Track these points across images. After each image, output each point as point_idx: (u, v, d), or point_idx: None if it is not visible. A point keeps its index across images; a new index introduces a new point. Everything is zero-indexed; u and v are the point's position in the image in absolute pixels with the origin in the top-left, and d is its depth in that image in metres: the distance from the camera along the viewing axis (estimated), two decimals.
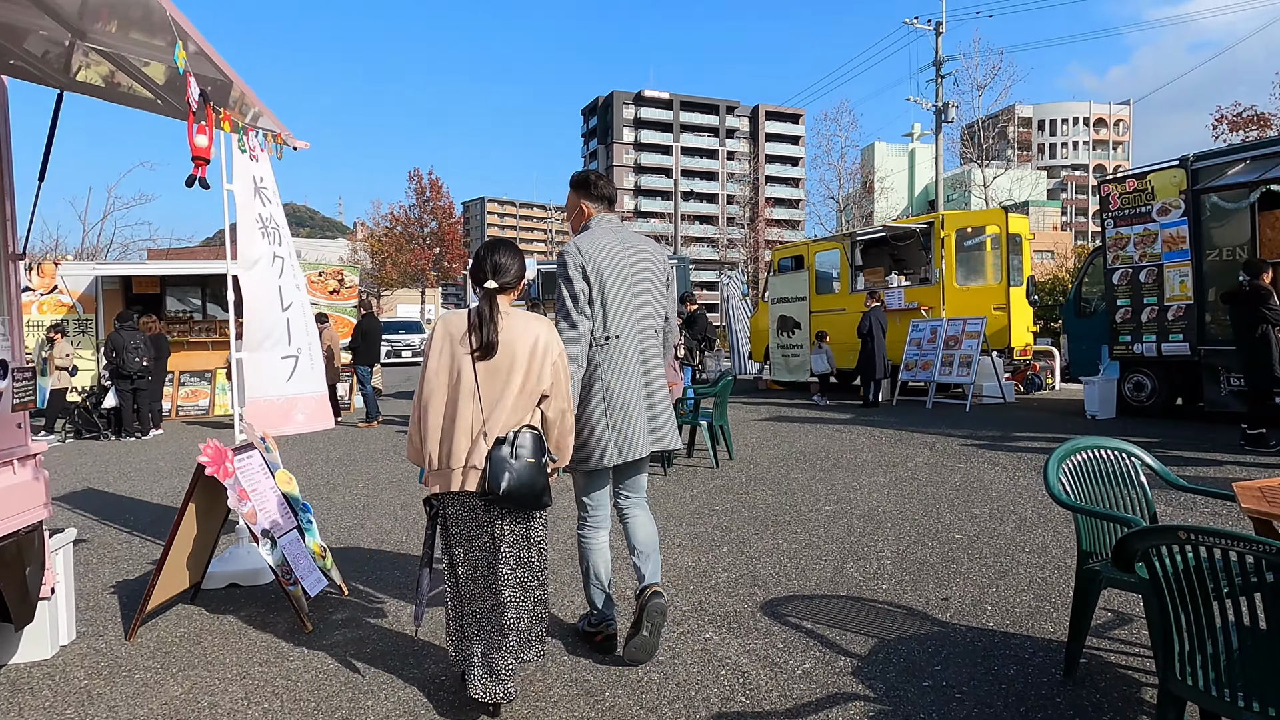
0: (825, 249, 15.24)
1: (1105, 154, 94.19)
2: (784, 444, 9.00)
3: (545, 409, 2.81)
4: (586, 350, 3.18)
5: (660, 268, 3.42)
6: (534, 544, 2.79)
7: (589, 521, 3.34)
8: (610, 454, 3.16)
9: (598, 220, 3.32)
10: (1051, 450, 3.09)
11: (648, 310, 3.33)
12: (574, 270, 3.15)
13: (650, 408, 3.28)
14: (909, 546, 4.83)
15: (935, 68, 30.66)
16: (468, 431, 2.69)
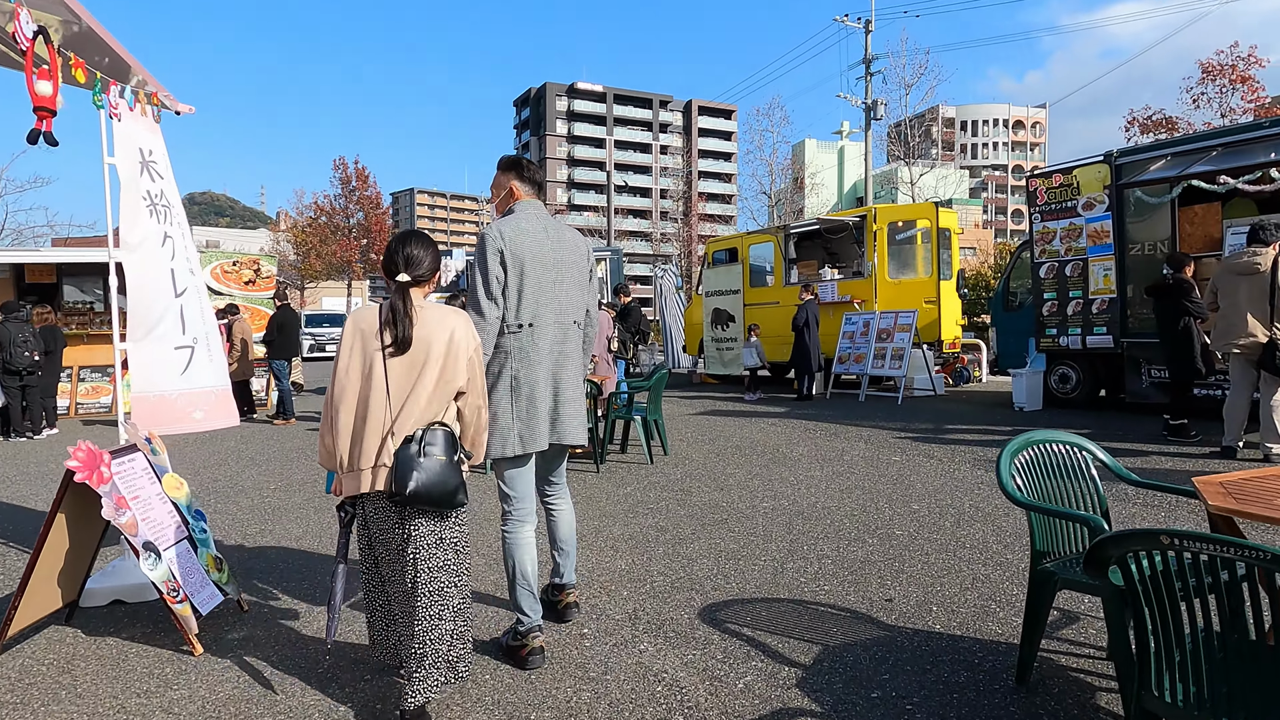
0: (759, 242, 15.17)
1: (1023, 155, 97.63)
2: (719, 438, 8.83)
3: (461, 405, 2.76)
4: (494, 337, 3.12)
5: (584, 259, 3.37)
6: (449, 545, 2.70)
7: (513, 515, 3.21)
8: (513, 444, 3.11)
9: (523, 205, 3.25)
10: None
11: (568, 301, 3.27)
12: (492, 255, 3.08)
13: (555, 400, 3.22)
14: (849, 544, 4.67)
15: (865, 65, 31.09)
16: (379, 430, 2.62)
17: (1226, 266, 6.66)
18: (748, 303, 14.93)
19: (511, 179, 3.31)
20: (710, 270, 16.11)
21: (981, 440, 8.02)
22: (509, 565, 3.17)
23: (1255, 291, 6.40)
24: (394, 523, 2.66)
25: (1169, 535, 1.71)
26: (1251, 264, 6.41)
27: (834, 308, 13.26)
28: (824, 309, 13.02)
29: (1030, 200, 10.06)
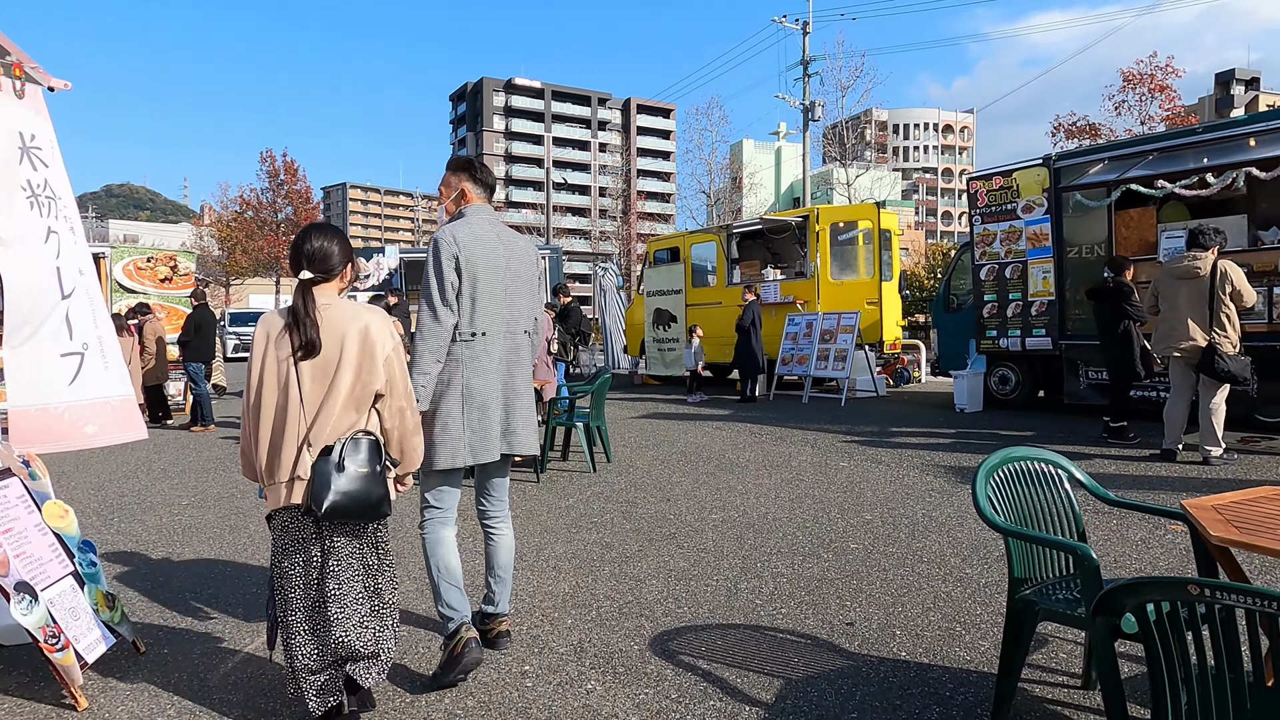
0: (701, 241, 15.01)
1: (952, 158, 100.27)
2: (664, 444, 8.59)
3: (381, 409, 2.63)
4: (447, 344, 3.03)
5: (533, 265, 3.30)
6: (368, 558, 2.62)
7: (435, 519, 3.13)
8: (463, 455, 3.04)
9: (475, 209, 3.17)
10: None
11: (518, 309, 3.20)
12: (447, 260, 3.00)
13: (506, 410, 3.16)
14: (804, 560, 4.47)
15: (803, 67, 31.30)
16: (295, 440, 2.50)
17: (1167, 270, 6.69)
18: (690, 303, 14.74)
19: (464, 181, 3.21)
20: (652, 269, 15.88)
21: (927, 444, 7.96)
22: (430, 565, 3.07)
23: (1195, 296, 6.44)
24: (312, 536, 2.55)
25: (1198, 585, 1.50)
26: (1191, 268, 6.45)
27: (776, 308, 13.16)
28: (766, 310, 12.90)
29: (971, 202, 10.09)
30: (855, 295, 12.47)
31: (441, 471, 3.08)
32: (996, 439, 8.08)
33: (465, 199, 3.21)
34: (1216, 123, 8.30)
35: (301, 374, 2.51)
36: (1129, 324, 7.39)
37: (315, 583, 2.55)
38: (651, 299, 15.59)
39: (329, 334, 2.53)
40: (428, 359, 3.01)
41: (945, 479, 6.37)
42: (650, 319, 15.62)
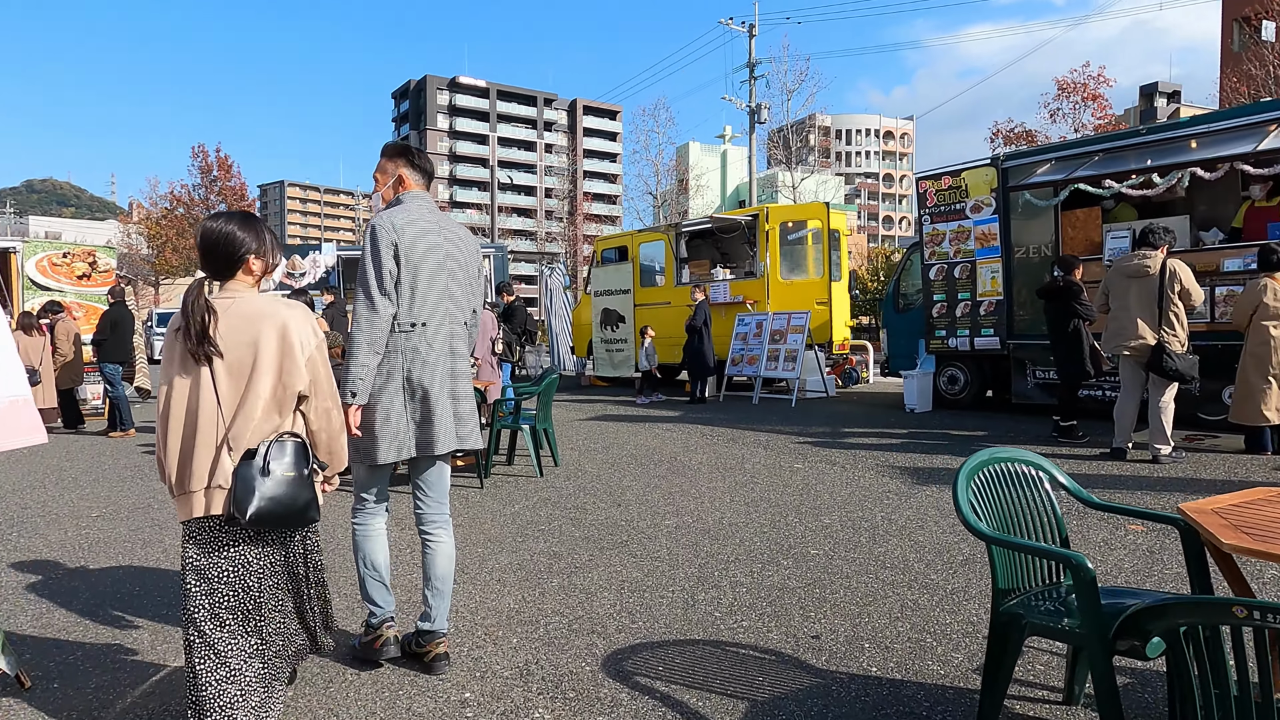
0: (650, 240, 14.78)
1: (893, 164, 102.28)
2: (613, 446, 8.32)
3: (306, 411, 2.47)
4: (385, 335, 2.93)
5: (474, 256, 3.24)
6: (295, 566, 2.47)
7: (367, 509, 3.12)
8: (406, 448, 2.99)
9: (413, 196, 3.08)
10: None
11: (457, 299, 3.13)
12: (385, 247, 2.90)
13: (454, 403, 3.09)
14: (763, 567, 4.25)
15: (749, 69, 31.41)
16: (210, 446, 2.33)
17: (1117, 269, 6.69)
18: (638, 303, 14.51)
19: (401, 166, 3.13)
20: (599, 269, 15.61)
21: (880, 445, 7.86)
22: (359, 557, 3.09)
23: (1145, 294, 6.44)
24: (235, 546, 2.37)
25: (1245, 607, 1.30)
26: (1141, 267, 6.45)
27: (726, 308, 13.02)
28: (716, 310, 12.75)
29: (920, 202, 10.07)
30: (805, 295, 12.39)
31: (375, 467, 3.03)
32: (948, 439, 8.03)
33: (403, 185, 3.12)
34: (1160, 125, 8.41)
35: (216, 375, 2.34)
36: (1078, 323, 7.40)
37: (239, 598, 2.37)
38: (599, 299, 15.32)
39: (241, 332, 2.35)
40: (365, 351, 2.89)
41: (901, 480, 6.24)
42: (598, 319, 15.34)
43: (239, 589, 2.36)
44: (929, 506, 5.40)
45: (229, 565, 2.36)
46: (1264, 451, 6.63)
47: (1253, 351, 6.51)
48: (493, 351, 8.51)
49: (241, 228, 2.45)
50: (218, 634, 2.34)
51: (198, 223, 43.44)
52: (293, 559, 2.46)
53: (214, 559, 2.36)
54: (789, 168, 40.60)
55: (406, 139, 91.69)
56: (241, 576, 2.37)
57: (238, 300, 2.39)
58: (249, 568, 2.37)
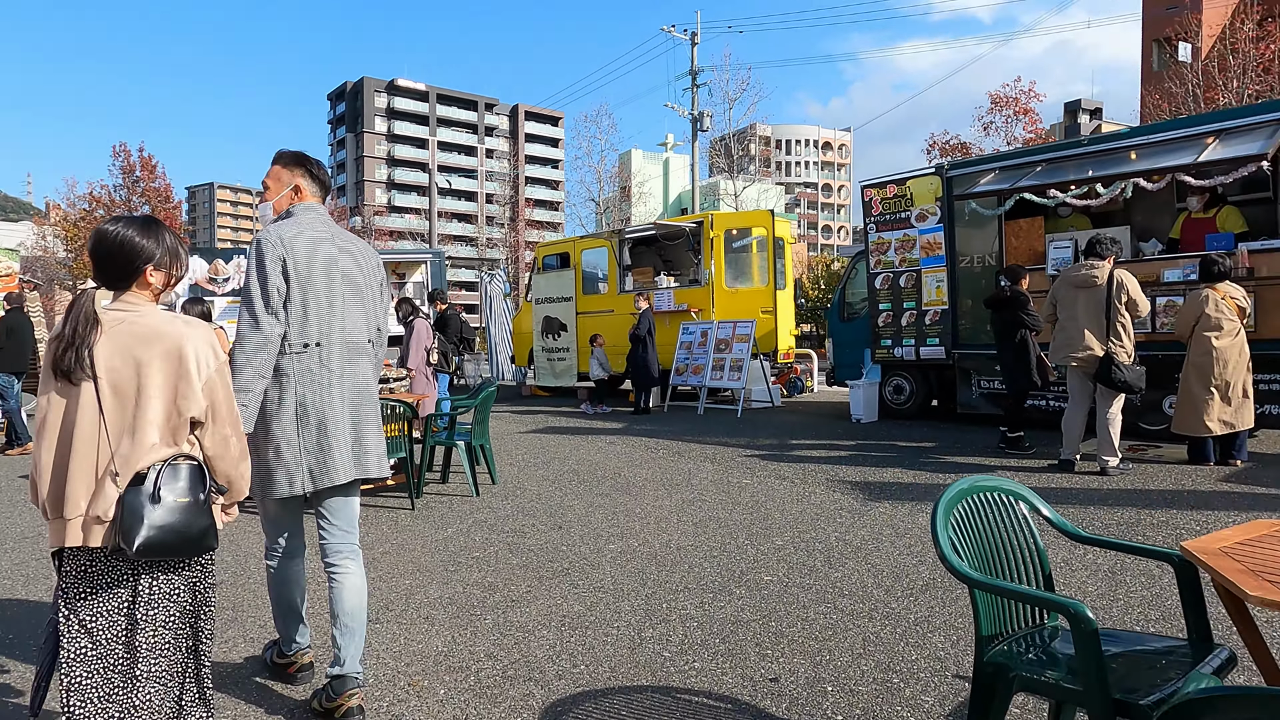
0: (592, 247, 14.46)
1: (831, 174, 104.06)
2: (554, 461, 7.97)
3: (202, 437, 2.23)
4: (274, 358, 2.74)
5: (375, 269, 3.07)
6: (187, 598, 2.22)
7: (279, 551, 2.97)
8: (302, 480, 2.78)
9: (305, 209, 2.92)
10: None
11: (359, 316, 2.95)
12: (272, 263, 2.72)
13: (355, 428, 2.91)
14: (715, 597, 3.96)
15: (691, 77, 31.43)
16: (89, 472, 2.10)
17: (1065, 279, 6.64)
18: (581, 310, 14.17)
19: (298, 176, 2.96)
20: (540, 276, 15.22)
21: (828, 458, 7.68)
22: (274, 596, 2.99)
23: (1093, 305, 6.39)
24: (117, 578, 2.14)
25: None
26: (1089, 277, 6.39)
27: (670, 316, 12.77)
28: (660, 318, 12.50)
29: (865, 210, 9.98)
30: (750, 303, 12.22)
31: (280, 501, 2.86)
32: (896, 451, 7.90)
33: (299, 196, 2.96)
34: (1101, 135, 8.45)
35: (101, 393, 2.10)
36: (1025, 333, 7.34)
37: (120, 636, 2.15)
38: (540, 306, 14.93)
39: (131, 351, 2.12)
40: (250, 374, 2.70)
41: (853, 497, 6.04)
42: (539, 327, 14.95)
43: (123, 625, 2.15)
44: (883, 525, 5.19)
45: (111, 598, 2.14)
46: (1207, 462, 6.64)
47: (1195, 362, 6.50)
48: (428, 362, 8.09)
49: (141, 234, 2.20)
50: (90, 675, 2.12)
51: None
52: (182, 592, 2.22)
53: (93, 590, 2.14)
54: (731, 176, 40.76)
55: (342, 142, 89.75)
56: (127, 606, 2.16)
57: (131, 315, 2.16)
58: (134, 601, 2.15)
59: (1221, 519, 5.01)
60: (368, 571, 4.49)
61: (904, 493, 6.08)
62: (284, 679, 3.08)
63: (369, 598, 4.03)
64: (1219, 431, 6.45)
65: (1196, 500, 5.52)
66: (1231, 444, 6.64)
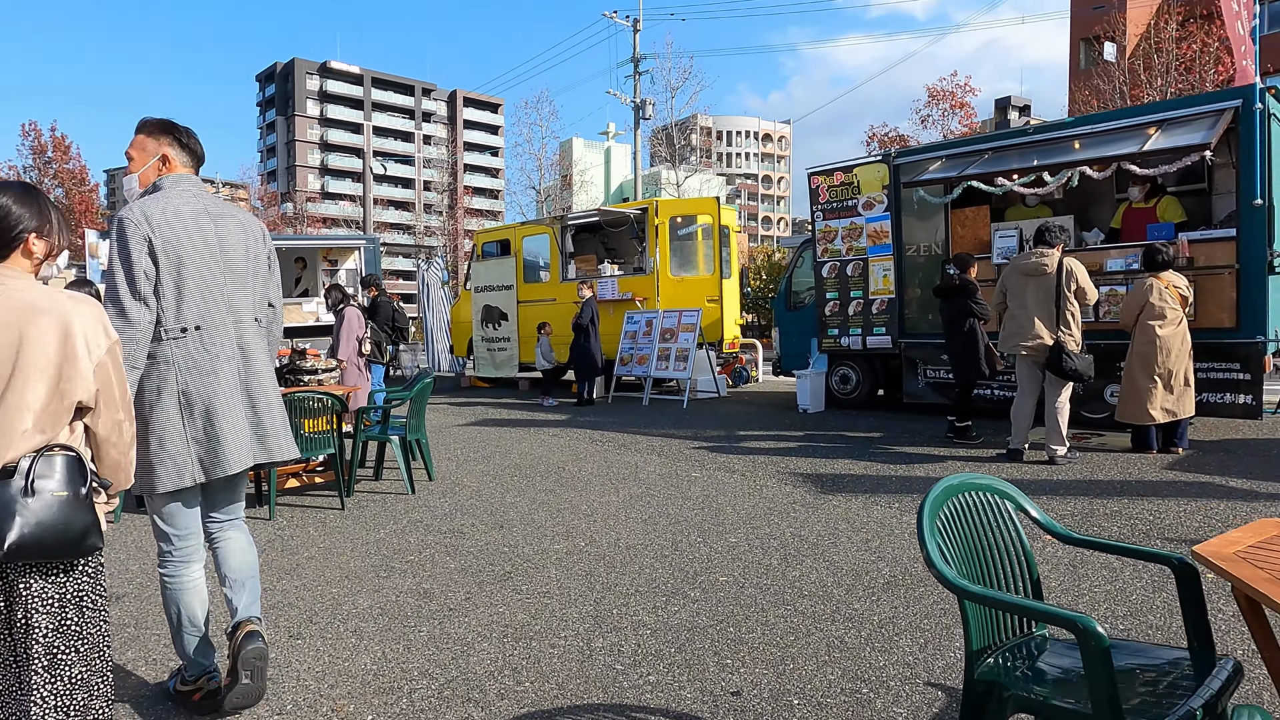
0: (534, 234, 14.08)
1: (771, 166, 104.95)
2: (494, 456, 7.63)
3: (93, 424, 2.03)
4: (145, 345, 2.57)
5: (259, 242, 2.89)
6: (75, 602, 2.00)
7: (175, 555, 2.71)
8: (191, 472, 2.62)
9: (175, 181, 2.69)
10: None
11: (243, 294, 2.78)
12: (137, 244, 2.52)
13: (254, 410, 2.77)
14: (668, 601, 3.73)
15: (634, 64, 31.11)
16: None
17: (1015, 267, 6.58)
18: (522, 299, 13.79)
19: (165, 145, 2.73)
20: (479, 263, 14.77)
21: (778, 449, 7.52)
22: (172, 613, 2.70)
23: (1042, 293, 6.34)
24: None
25: None
26: (1039, 265, 6.34)
27: (614, 305, 12.50)
28: (604, 307, 12.22)
29: (812, 198, 9.86)
30: (695, 292, 12.03)
31: (168, 494, 2.65)
32: (845, 441, 7.79)
33: (167, 167, 2.74)
34: (1047, 124, 8.47)
35: None
36: (974, 322, 7.29)
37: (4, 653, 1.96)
38: (480, 295, 14.49)
39: (5, 328, 1.90)
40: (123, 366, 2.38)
41: (805, 489, 5.88)
42: (478, 316, 14.51)
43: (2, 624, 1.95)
44: (838, 519, 5.03)
45: None
46: (1150, 450, 6.68)
47: (1139, 351, 6.53)
48: (360, 352, 7.66)
49: (19, 201, 2.01)
50: None
51: None
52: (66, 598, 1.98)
53: None
54: (673, 166, 40.64)
55: (272, 125, 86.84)
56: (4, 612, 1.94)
57: (8, 287, 1.94)
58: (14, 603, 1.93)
59: (1173, 508, 4.99)
60: (290, 579, 4.14)
61: (856, 485, 5.94)
62: (190, 709, 2.76)
63: (289, 609, 3.70)
64: (1162, 420, 6.49)
65: (1145, 489, 5.51)
66: (1173, 432, 6.70)
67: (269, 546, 4.75)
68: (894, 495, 5.59)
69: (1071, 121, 8.15)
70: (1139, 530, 4.57)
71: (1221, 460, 6.38)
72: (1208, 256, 7.15)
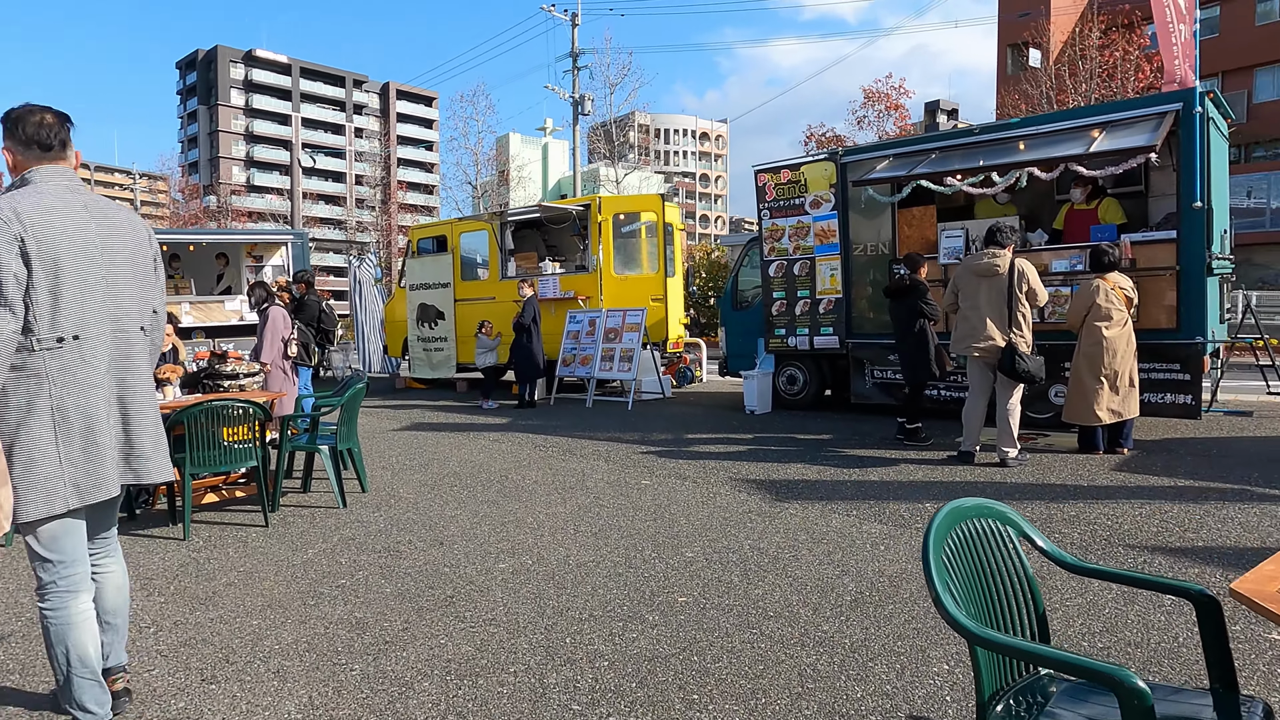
0: (472, 230, 13.62)
1: (709, 164, 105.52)
2: (433, 463, 7.25)
3: None
4: (9, 356, 2.32)
5: (144, 244, 2.67)
6: None
7: (59, 585, 2.47)
8: (64, 497, 2.39)
9: (47, 174, 2.45)
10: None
11: (126, 300, 2.57)
12: (5, 244, 2.27)
13: (125, 430, 2.57)
14: (626, 626, 3.46)
15: (572, 59, 30.72)
16: None
17: (966, 267, 6.51)
18: (459, 298, 13.33)
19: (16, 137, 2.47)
20: (415, 260, 14.24)
21: (728, 453, 7.33)
22: (59, 654, 2.45)
23: (994, 294, 6.28)
24: None
25: None
26: (991, 266, 6.28)
27: (556, 304, 12.16)
28: (545, 306, 11.87)
29: (759, 195, 9.70)
30: (640, 291, 11.78)
31: (48, 523, 2.41)
32: (796, 444, 7.64)
33: (13, 166, 2.52)
34: (993, 125, 8.47)
35: None
36: (924, 322, 7.22)
37: None
38: (415, 293, 13.97)
39: None
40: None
41: (760, 497, 5.68)
42: (414, 315, 13.99)
43: None
44: (797, 529, 4.84)
45: None
46: (1096, 450, 6.70)
47: (1086, 352, 6.53)
48: (285, 354, 7.18)
49: None
50: None
51: None
52: None
53: None
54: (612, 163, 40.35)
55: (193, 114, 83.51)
56: None
57: None
58: None
59: (1128, 511, 4.95)
60: (205, 610, 3.74)
61: (812, 491, 5.77)
62: None
63: (203, 646, 3.31)
64: (1108, 420, 6.50)
65: (1098, 492, 5.47)
66: (1119, 432, 6.73)
67: (182, 572, 4.32)
68: (850, 502, 5.43)
69: (1017, 122, 8.16)
70: (1099, 537, 4.49)
71: (1166, 460, 6.43)
72: (1148, 258, 7.22)
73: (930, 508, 5.20)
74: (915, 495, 5.55)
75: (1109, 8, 28.08)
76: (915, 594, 3.71)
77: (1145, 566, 4.02)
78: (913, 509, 5.20)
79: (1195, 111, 6.89)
